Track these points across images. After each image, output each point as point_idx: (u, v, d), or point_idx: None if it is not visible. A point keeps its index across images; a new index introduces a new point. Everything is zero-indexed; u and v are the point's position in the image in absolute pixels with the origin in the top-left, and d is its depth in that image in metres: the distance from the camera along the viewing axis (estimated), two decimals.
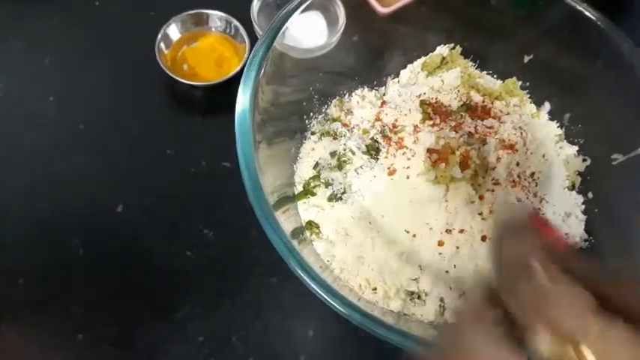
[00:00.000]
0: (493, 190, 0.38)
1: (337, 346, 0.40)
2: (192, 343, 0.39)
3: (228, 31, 0.50)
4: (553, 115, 0.46)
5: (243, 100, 0.34)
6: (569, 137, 0.45)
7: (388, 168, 0.39)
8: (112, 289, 0.41)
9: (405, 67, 0.47)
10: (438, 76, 0.45)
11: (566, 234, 0.40)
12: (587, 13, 0.40)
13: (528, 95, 0.46)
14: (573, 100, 0.44)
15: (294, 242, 0.32)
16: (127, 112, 0.48)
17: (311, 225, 0.40)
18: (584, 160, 0.43)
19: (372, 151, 0.40)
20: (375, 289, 0.38)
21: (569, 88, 0.44)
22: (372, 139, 0.41)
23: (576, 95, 0.44)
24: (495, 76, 0.47)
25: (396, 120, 0.41)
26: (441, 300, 0.37)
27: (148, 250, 0.42)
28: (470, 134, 0.39)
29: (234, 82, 0.47)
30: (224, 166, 0.45)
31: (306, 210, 0.40)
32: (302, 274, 0.30)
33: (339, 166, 0.41)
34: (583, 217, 0.41)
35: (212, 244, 0.43)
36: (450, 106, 0.41)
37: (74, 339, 0.39)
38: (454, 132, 0.39)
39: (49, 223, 0.43)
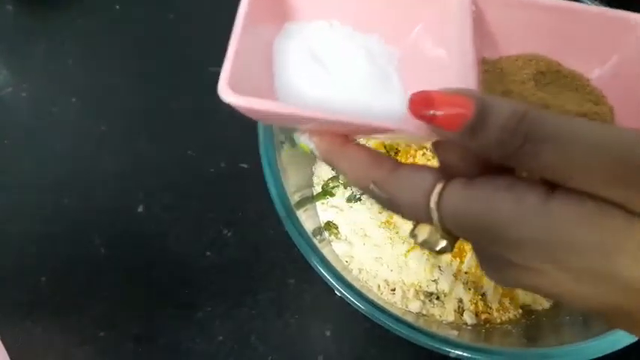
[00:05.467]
0: None
1: (354, 346, 0.40)
2: (212, 342, 0.40)
3: None
4: None
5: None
6: None
7: None
8: (134, 287, 0.41)
9: None
10: None
11: None
12: None
13: None
14: None
15: (315, 241, 0.33)
16: (148, 113, 0.48)
17: (330, 225, 0.40)
18: None
19: (392, 151, 0.41)
20: (393, 290, 0.38)
21: None
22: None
23: None
24: None
25: None
26: (460, 301, 0.37)
27: (168, 250, 0.43)
28: None
29: None
30: (242, 167, 0.46)
31: (325, 211, 0.41)
32: (325, 273, 0.30)
33: None
34: None
35: (231, 244, 0.43)
36: None
37: (97, 336, 0.40)
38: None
39: (71, 223, 0.44)
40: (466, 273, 0.37)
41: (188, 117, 0.48)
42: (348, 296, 0.30)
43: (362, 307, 0.30)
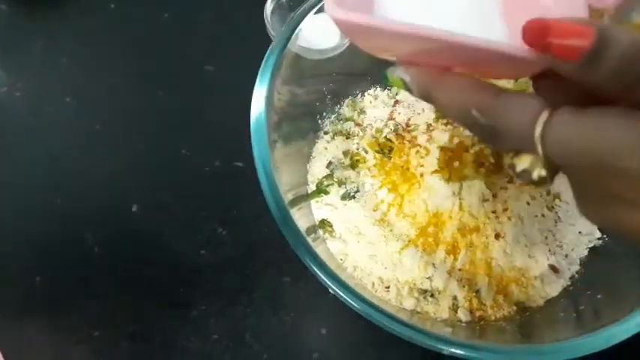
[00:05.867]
0: (507, 188, 0.38)
1: (349, 344, 0.40)
2: (207, 340, 0.40)
3: None
4: None
5: (258, 100, 0.34)
6: None
7: (402, 166, 0.40)
8: (129, 287, 0.42)
9: None
10: None
11: None
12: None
13: None
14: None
15: (309, 240, 0.32)
16: (142, 112, 0.48)
17: (324, 223, 0.40)
18: None
19: (385, 149, 0.41)
20: (388, 287, 0.38)
21: None
22: (385, 137, 0.41)
23: None
24: None
25: (409, 119, 0.42)
26: (454, 298, 0.37)
27: (162, 249, 0.43)
28: None
29: None
30: (237, 165, 0.46)
31: (319, 209, 0.41)
32: (319, 273, 0.30)
33: (352, 165, 0.42)
34: None
35: (226, 243, 0.43)
36: None
37: (92, 336, 0.40)
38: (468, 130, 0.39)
39: (65, 222, 0.44)
40: (460, 270, 0.37)
41: (182, 116, 0.48)
42: (342, 294, 0.30)
43: (355, 305, 0.30)
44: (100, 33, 0.52)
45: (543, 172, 0.19)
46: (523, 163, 0.19)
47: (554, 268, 0.38)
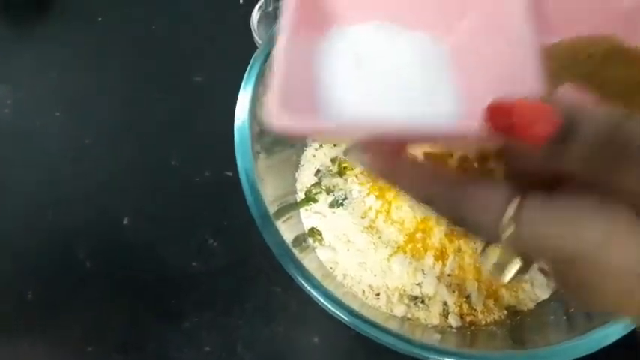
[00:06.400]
0: None
1: (342, 353, 0.40)
2: (200, 351, 0.40)
3: None
4: None
5: (242, 110, 0.34)
6: None
7: None
8: (121, 300, 0.42)
9: None
10: None
11: None
12: None
13: None
14: None
15: (296, 250, 0.32)
16: (130, 125, 0.48)
17: (313, 232, 0.40)
18: None
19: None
20: (378, 294, 0.38)
21: None
22: None
23: None
24: None
25: None
26: (445, 303, 0.37)
27: (153, 261, 0.43)
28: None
29: None
30: (227, 175, 0.46)
31: (309, 217, 0.41)
32: (304, 284, 0.30)
33: (340, 173, 0.42)
34: None
35: (217, 253, 0.43)
36: None
37: (84, 351, 0.40)
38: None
39: (56, 237, 0.44)
40: (449, 275, 0.37)
41: (171, 127, 0.48)
42: (327, 305, 0.30)
43: (341, 315, 0.30)
44: (88, 47, 0.52)
45: (516, 266, 0.18)
46: (492, 256, 0.18)
47: (543, 271, 0.38)
